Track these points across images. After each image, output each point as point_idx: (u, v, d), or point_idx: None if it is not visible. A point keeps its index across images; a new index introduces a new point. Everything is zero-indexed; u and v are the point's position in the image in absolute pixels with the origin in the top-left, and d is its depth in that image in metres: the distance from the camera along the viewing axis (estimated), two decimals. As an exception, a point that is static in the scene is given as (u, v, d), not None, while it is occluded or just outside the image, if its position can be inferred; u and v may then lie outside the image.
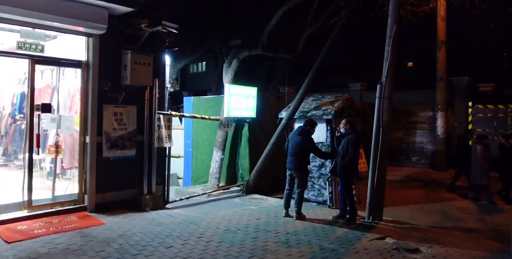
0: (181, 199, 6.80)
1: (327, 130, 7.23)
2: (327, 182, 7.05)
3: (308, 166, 6.16)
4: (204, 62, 24.49)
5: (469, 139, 9.10)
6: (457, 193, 8.85)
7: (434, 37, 12.43)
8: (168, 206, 6.42)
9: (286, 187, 6.12)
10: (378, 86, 6.13)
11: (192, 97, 9.40)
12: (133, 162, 5.93)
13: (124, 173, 5.85)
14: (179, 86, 25.42)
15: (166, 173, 6.45)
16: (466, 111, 12.02)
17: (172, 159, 10.34)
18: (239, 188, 8.13)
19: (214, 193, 7.64)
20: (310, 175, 7.35)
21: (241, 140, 8.41)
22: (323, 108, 7.35)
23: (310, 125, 6.07)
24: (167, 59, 6.61)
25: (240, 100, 7.79)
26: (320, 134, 7.31)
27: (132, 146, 5.88)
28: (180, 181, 9.78)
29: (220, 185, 8.48)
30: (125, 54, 5.64)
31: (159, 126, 6.12)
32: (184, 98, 9.61)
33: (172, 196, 8.05)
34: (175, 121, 10.16)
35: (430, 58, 13.99)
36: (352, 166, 5.92)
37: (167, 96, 6.55)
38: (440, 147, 12.17)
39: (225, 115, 7.45)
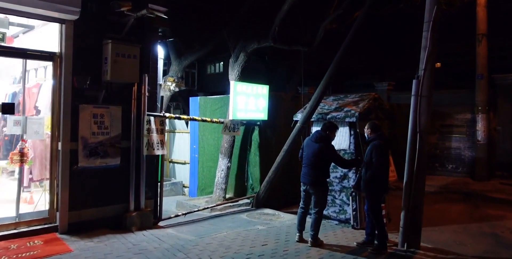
0: (177, 216, 5.82)
1: (350, 135, 6.09)
2: (350, 197, 5.91)
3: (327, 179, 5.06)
4: (222, 63, 23.67)
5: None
6: None
7: (472, 30, 11.02)
8: (161, 223, 5.46)
9: (301, 205, 5.03)
10: (414, 81, 4.96)
11: (199, 97, 8.46)
12: (117, 172, 5.01)
13: (106, 186, 4.94)
14: (197, 88, 24.76)
15: (159, 186, 5.49)
16: (511, 112, 10.54)
17: (177, 165, 9.50)
18: (248, 201, 7.10)
19: (218, 207, 6.63)
20: (330, 188, 6.23)
21: (250, 146, 7.38)
22: (345, 109, 6.22)
23: (329, 130, 4.98)
24: (160, 51, 5.67)
25: (248, 100, 6.76)
26: (342, 139, 6.18)
27: (115, 153, 4.96)
28: (186, 190, 8.84)
29: (228, 196, 7.48)
30: (106, 44, 4.74)
31: (149, 130, 5.18)
32: (190, 98, 8.68)
33: (172, 208, 7.11)
34: (181, 124, 9.25)
35: (468, 55, 12.46)
36: (379, 180, 4.78)
37: (160, 94, 5.61)
38: (481, 154, 10.71)
39: (230, 117, 6.44)
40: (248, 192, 7.44)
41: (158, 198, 5.48)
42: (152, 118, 5.23)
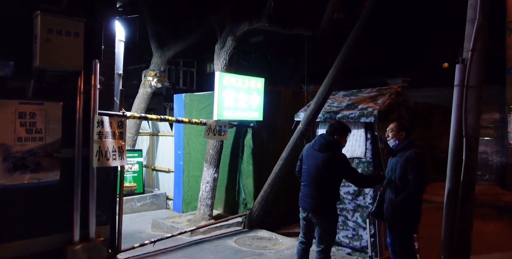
0: (142, 245, 4.53)
1: (367, 139, 4.78)
2: (367, 220, 4.58)
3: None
4: (221, 61, 22.41)
5: None
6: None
7: (502, 18, 9.64)
8: (120, 256, 4.18)
9: (300, 237, 3.71)
10: (457, 67, 3.64)
11: (183, 95, 7.18)
12: (55, 191, 3.73)
13: (39, 209, 3.66)
14: (196, 87, 23.47)
15: (117, 207, 4.21)
16: (548, 112, 9.11)
17: (161, 174, 8.21)
18: (240, 219, 5.80)
19: (201, 229, 5.34)
20: (341, 206, 4.92)
21: (242, 153, 6.08)
22: (360, 106, 4.91)
23: (338, 132, 3.62)
24: (120, 31, 4.40)
25: (239, 96, 5.46)
26: (355, 145, 4.87)
27: (53, 166, 3.68)
28: (171, 203, 7.56)
29: (216, 213, 6.20)
30: (35, 17, 3.46)
31: (101, 134, 3.89)
32: (174, 96, 7.41)
33: (147, 229, 5.84)
34: (165, 126, 7.97)
35: (496, 46, 11.01)
36: (417, 205, 3.47)
37: (119, 88, 4.34)
38: (513, 159, 9.31)
39: (215, 118, 5.15)
40: (240, 208, 6.13)
41: (116, 223, 4.19)
42: (106, 119, 3.95)
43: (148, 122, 7.97)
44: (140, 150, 7.75)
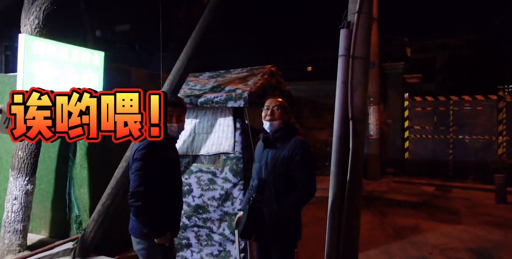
0: None
1: (236, 129, 3.78)
2: (236, 231, 3.56)
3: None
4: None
5: None
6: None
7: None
8: None
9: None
10: (341, 32, 2.88)
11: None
12: None
13: None
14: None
15: None
16: (401, 104, 9.84)
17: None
18: (71, 245, 4.18)
19: (-1, 269, 3.56)
20: (205, 215, 3.84)
21: (75, 154, 4.44)
22: (227, 88, 3.88)
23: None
24: None
25: (62, 74, 3.85)
26: (222, 137, 3.83)
27: None
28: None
29: (38, 239, 4.43)
30: None
31: None
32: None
33: None
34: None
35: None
36: (299, 214, 2.59)
37: None
38: (374, 150, 9.75)
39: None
40: (73, 230, 4.49)
41: None
42: None
43: None
44: None
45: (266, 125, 2.66)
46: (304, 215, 2.77)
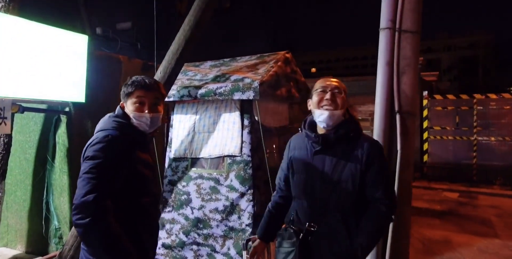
0: None
1: (243, 127, 3.11)
2: (243, 252, 2.87)
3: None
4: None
5: None
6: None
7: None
8: None
9: None
10: (384, 2, 2.20)
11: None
12: None
13: None
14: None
15: None
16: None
17: None
18: (48, 263, 3.52)
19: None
20: (205, 231, 3.16)
21: (54, 156, 3.78)
22: (233, 77, 3.21)
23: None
24: None
25: (36, 60, 3.20)
26: (227, 137, 3.16)
27: None
28: None
29: (11, 256, 3.78)
30: None
31: None
32: None
33: None
34: None
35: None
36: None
37: None
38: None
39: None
40: (52, 244, 3.83)
41: None
42: None
43: None
44: None
45: (323, 116, 1.73)
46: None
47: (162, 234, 3.37)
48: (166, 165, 3.46)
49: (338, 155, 1.73)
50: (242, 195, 3.06)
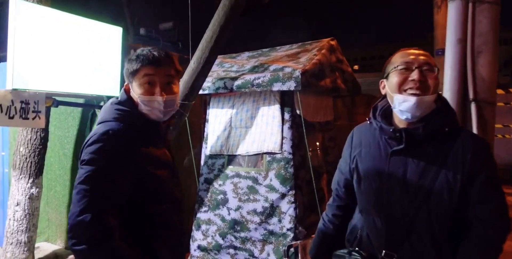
0: None
1: (284, 121, 2.83)
2: (285, 257, 2.60)
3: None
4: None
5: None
6: None
7: None
8: None
9: None
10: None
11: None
12: None
13: None
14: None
15: None
16: None
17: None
18: None
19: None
20: (243, 234, 2.92)
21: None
22: (272, 67, 2.94)
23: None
24: None
25: (70, 50, 3.12)
26: (266, 132, 2.90)
27: None
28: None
29: (51, 251, 3.79)
30: None
31: None
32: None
33: None
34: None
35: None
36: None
37: None
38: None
39: (9, 86, 2.74)
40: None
41: None
42: None
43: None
44: None
45: (407, 104, 1.25)
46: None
47: (198, 235, 3.18)
48: (202, 162, 3.27)
49: (427, 157, 1.27)
50: (283, 196, 2.79)
